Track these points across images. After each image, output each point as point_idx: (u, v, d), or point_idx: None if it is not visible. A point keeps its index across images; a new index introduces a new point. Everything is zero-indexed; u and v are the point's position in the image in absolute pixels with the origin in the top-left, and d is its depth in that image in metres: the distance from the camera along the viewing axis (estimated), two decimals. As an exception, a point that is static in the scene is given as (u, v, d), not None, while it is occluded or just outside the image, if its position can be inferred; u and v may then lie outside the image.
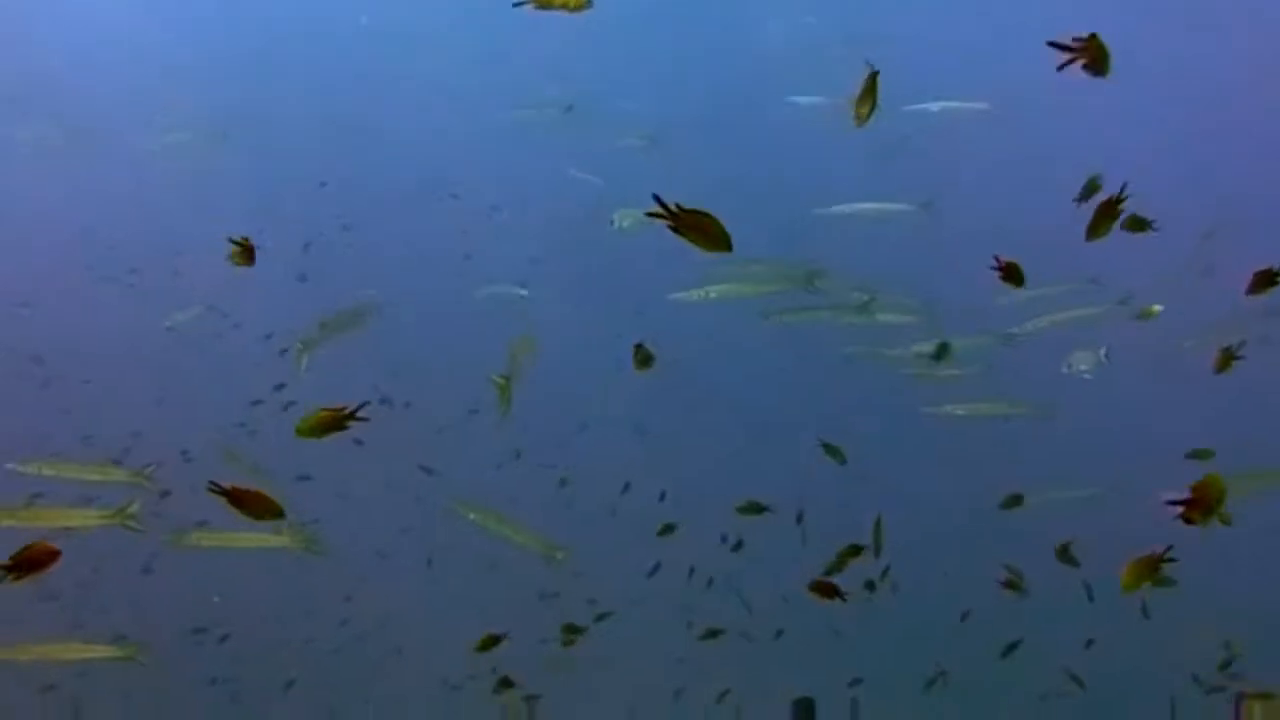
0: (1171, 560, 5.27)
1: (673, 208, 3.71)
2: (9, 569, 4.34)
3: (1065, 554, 8.08)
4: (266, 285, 10.73)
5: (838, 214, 9.87)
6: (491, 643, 7.19)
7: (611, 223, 8.86)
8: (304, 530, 7.91)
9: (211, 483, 4.34)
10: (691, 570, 10.50)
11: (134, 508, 6.32)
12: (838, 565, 7.23)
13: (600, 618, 9.47)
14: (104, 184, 12.18)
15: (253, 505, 4.51)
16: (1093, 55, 4.38)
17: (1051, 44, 4.32)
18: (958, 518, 10.32)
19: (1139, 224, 6.16)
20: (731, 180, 10.27)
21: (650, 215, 3.66)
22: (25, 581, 4.41)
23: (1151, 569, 5.30)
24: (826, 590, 6.40)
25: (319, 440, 4.65)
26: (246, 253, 5.31)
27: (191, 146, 12.50)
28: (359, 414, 4.46)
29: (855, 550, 7.16)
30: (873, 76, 4.95)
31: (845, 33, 11.32)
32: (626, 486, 11.07)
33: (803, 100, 11.55)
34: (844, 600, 6.43)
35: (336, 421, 4.51)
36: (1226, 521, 6.98)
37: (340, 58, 13.12)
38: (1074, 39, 4.33)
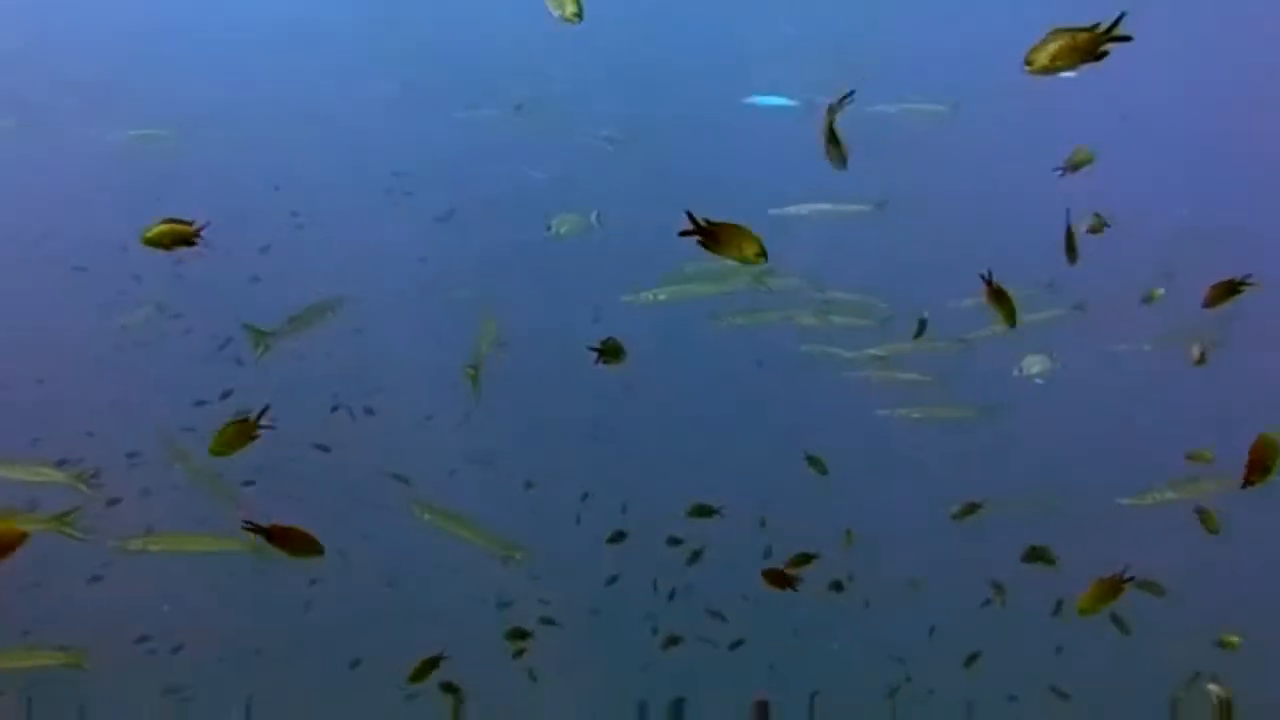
0: (1131, 580, 5.32)
1: (702, 222, 3.77)
2: None
3: (1039, 554, 8.06)
4: (220, 285, 10.62)
5: (793, 215, 9.81)
6: (428, 668, 6.93)
7: (549, 229, 8.69)
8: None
9: (246, 521, 4.25)
10: (655, 582, 10.44)
11: (73, 515, 6.14)
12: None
13: (556, 623, 9.40)
14: (62, 178, 11.99)
15: (293, 543, 4.47)
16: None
17: None
18: (919, 521, 10.34)
19: (1097, 224, 6.23)
20: (690, 180, 10.22)
21: (683, 234, 3.78)
22: None
23: (1113, 591, 5.34)
24: (778, 580, 6.34)
25: (271, 444, 4.55)
26: (175, 236, 4.43)
27: (152, 142, 12.32)
28: (263, 421, 4.38)
29: (805, 558, 7.13)
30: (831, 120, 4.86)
31: (814, 36, 11.36)
32: (585, 496, 11.00)
33: (765, 101, 11.56)
34: (795, 589, 6.37)
35: (245, 432, 4.41)
36: (1213, 529, 7.08)
37: (309, 56, 13.01)
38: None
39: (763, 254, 3.97)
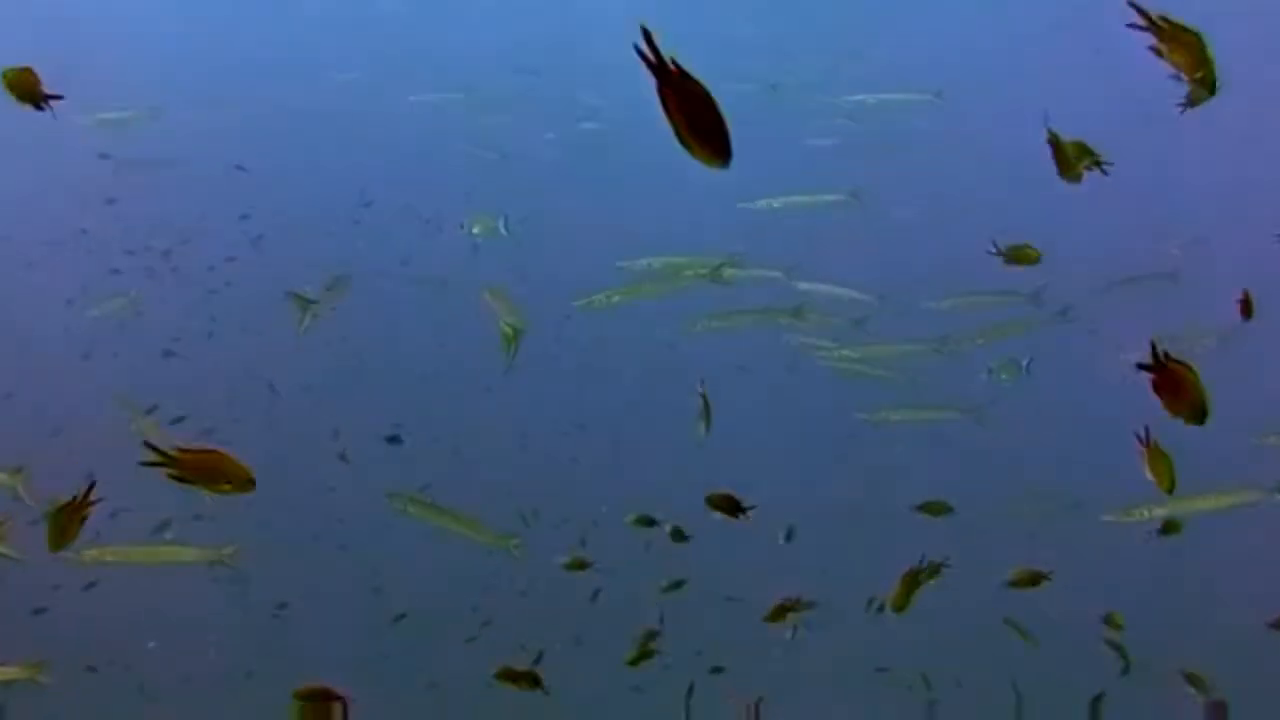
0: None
1: (1161, 358, 3.70)
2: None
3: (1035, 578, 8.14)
4: (183, 284, 10.64)
5: (764, 209, 9.71)
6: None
7: (461, 227, 8.58)
8: (217, 548, 7.80)
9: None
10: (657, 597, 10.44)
11: (3, 529, 6.12)
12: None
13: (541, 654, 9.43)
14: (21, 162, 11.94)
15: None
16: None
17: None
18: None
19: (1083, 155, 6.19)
20: (666, 170, 10.24)
21: (1140, 367, 3.74)
22: None
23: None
24: (729, 507, 6.32)
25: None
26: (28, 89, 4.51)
27: (116, 127, 12.23)
28: (91, 501, 4.37)
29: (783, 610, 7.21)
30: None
31: (793, 22, 11.42)
32: (567, 505, 11.00)
33: (739, 88, 11.59)
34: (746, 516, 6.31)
35: (76, 513, 4.41)
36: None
37: (286, 42, 13.01)
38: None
39: (1204, 411, 3.84)
